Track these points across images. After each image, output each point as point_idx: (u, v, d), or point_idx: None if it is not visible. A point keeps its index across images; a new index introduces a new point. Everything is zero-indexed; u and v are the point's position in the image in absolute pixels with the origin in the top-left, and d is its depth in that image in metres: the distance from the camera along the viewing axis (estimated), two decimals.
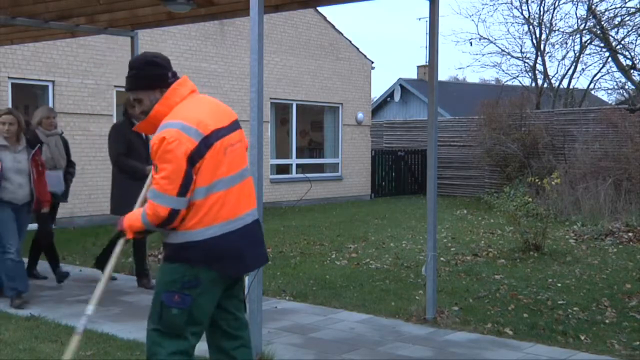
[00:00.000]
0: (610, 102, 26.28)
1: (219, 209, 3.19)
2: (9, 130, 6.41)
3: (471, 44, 32.88)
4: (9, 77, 12.13)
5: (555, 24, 25.02)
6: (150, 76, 3.28)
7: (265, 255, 3.50)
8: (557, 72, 53.09)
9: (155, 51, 3.58)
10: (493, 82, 32.94)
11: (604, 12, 17.42)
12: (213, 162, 3.16)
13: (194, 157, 3.10)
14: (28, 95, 13.09)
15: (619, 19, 16.82)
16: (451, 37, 37.85)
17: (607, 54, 19.90)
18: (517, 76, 29.56)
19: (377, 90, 32.76)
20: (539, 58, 23.41)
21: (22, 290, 6.46)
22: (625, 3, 17.24)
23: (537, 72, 23.64)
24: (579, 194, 13.64)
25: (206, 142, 3.14)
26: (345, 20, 79.06)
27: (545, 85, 23.60)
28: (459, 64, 65.92)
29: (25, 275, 6.63)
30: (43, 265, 7.74)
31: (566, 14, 45.12)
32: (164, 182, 3.08)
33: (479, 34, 34.87)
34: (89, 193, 12.89)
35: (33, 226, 7.39)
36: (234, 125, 3.35)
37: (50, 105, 12.53)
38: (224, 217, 3.20)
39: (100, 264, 6.96)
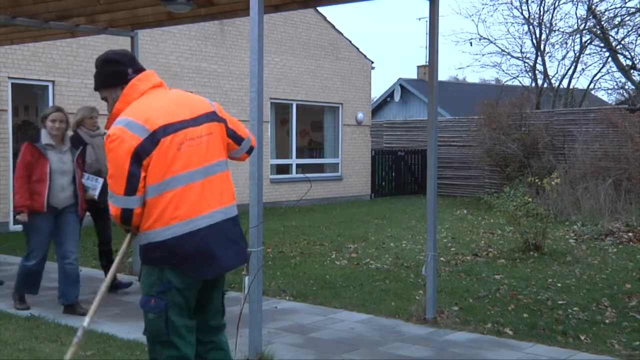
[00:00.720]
0: (610, 102, 26.29)
1: (176, 207, 3.05)
2: (59, 129, 6.10)
3: (471, 44, 32.93)
4: (9, 77, 12.12)
5: (555, 24, 25.05)
6: (109, 73, 3.27)
7: (243, 254, 3.29)
8: (557, 72, 53.14)
9: (122, 49, 3.52)
10: (493, 82, 32.95)
11: (604, 12, 17.42)
12: (163, 158, 3.04)
13: (140, 154, 3.01)
14: (28, 95, 13.09)
15: (619, 19, 16.82)
16: (451, 37, 37.96)
17: (607, 54, 19.90)
18: (517, 76, 29.62)
19: (377, 90, 32.78)
20: (539, 58, 23.41)
21: (27, 293, 6.37)
22: (625, 3, 17.25)
23: (537, 72, 23.65)
24: (579, 194, 13.64)
25: (153, 138, 3.03)
26: (345, 20, 79.14)
27: (545, 85, 23.60)
28: (459, 64, 65.97)
29: (38, 282, 6.41)
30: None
31: (566, 14, 45.15)
32: (110, 181, 3.07)
33: (479, 34, 34.91)
34: None
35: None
36: (200, 119, 3.19)
37: (50, 105, 12.54)
38: (183, 215, 3.06)
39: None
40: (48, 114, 6.11)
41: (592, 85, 24.15)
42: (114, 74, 3.25)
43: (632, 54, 18.48)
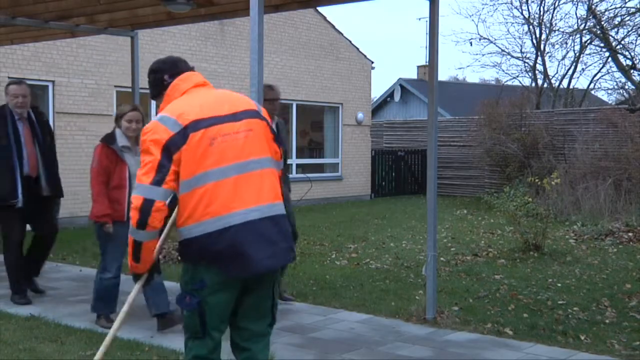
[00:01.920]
0: (610, 102, 26.29)
1: (208, 204, 3.02)
2: (136, 130, 5.52)
3: (471, 44, 32.95)
4: (9, 77, 12.11)
5: (555, 24, 25.06)
6: (152, 83, 3.38)
7: (283, 256, 3.16)
8: (557, 72, 53.15)
9: (169, 55, 3.57)
10: (493, 82, 32.96)
11: (604, 12, 17.44)
12: (194, 153, 3.03)
13: (170, 148, 3.02)
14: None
15: (619, 19, 16.83)
16: (451, 37, 37.92)
17: (607, 54, 19.91)
18: (517, 76, 29.62)
19: (377, 90, 32.79)
20: (539, 58, 23.42)
21: (105, 312, 5.79)
22: (625, 3, 17.26)
23: (537, 72, 23.66)
24: (579, 194, 13.64)
25: (184, 133, 3.04)
26: (345, 20, 79.14)
27: (545, 85, 23.60)
28: (459, 64, 66.05)
29: (116, 297, 5.78)
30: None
31: (566, 14, 45.20)
32: (140, 172, 3.06)
33: (479, 34, 34.92)
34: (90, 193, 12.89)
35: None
36: (239, 115, 3.17)
37: (50, 105, 12.54)
38: (214, 212, 3.01)
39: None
40: (124, 113, 5.58)
41: (592, 85, 24.17)
42: (154, 82, 3.36)
43: (632, 54, 18.50)
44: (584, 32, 19.71)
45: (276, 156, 3.29)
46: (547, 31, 22.85)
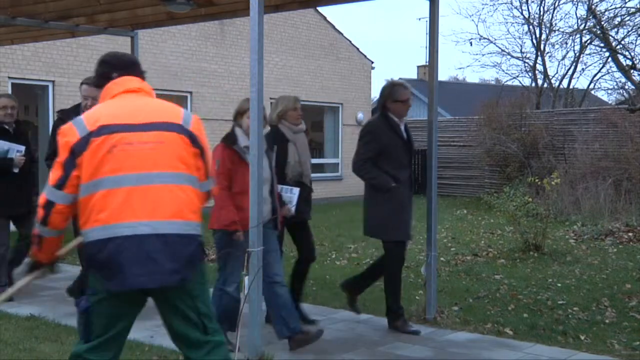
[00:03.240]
0: (610, 102, 26.29)
1: (99, 211, 2.96)
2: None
3: (471, 44, 32.84)
4: (9, 77, 12.12)
5: (555, 24, 25.00)
6: (98, 74, 3.32)
7: (168, 275, 2.97)
8: (557, 72, 53.10)
9: (122, 52, 3.53)
10: (493, 82, 32.95)
11: (604, 12, 17.43)
12: (93, 158, 2.99)
13: (75, 152, 3.01)
14: (28, 95, 13.09)
15: (619, 19, 16.82)
16: (451, 37, 37.76)
17: (607, 54, 19.90)
18: (517, 76, 29.53)
19: (377, 90, 32.69)
20: (539, 58, 23.41)
21: (227, 330, 4.93)
22: (625, 3, 17.23)
23: (537, 72, 23.65)
24: (579, 194, 13.64)
25: (88, 138, 3.01)
26: (345, 20, 79.15)
27: (545, 85, 23.60)
28: (459, 64, 66.13)
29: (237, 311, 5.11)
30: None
31: (566, 14, 45.15)
32: (51, 172, 3.10)
33: (479, 34, 34.83)
34: None
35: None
36: (152, 126, 3.08)
37: (50, 105, 12.54)
38: (103, 220, 2.95)
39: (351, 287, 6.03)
40: (246, 109, 5.00)
41: (592, 85, 24.16)
42: (101, 75, 3.30)
43: (632, 54, 18.48)
44: (584, 32, 19.71)
45: (197, 173, 3.15)
46: (547, 31, 22.86)
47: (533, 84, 23.77)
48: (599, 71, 23.17)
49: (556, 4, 22.19)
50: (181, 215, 3.03)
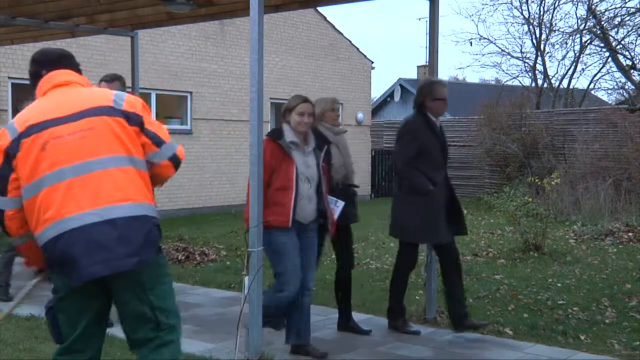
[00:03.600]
0: (610, 102, 26.29)
1: (45, 210, 2.90)
2: (308, 124, 4.91)
3: (471, 44, 32.90)
4: (9, 77, 12.13)
5: (555, 24, 25.04)
6: (31, 75, 3.27)
7: (122, 260, 2.90)
8: (557, 72, 53.11)
9: (52, 48, 3.44)
10: (493, 82, 32.95)
11: (604, 12, 17.44)
12: (27, 159, 2.95)
13: (9, 155, 2.98)
14: (28, 96, 13.07)
15: (619, 19, 16.83)
16: (451, 37, 37.80)
17: (607, 54, 19.91)
18: (517, 76, 29.56)
19: (377, 90, 32.77)
20: (539, 58, 23.43)
21: (272, 327, 4.98)
22: (625, 3, 17.23)
23: (537, 72, 23.66)
24: (579, 194, 13.64)
25: (19, 139, 2.98)
26: (345, 20, 79.17)
27: (545, 85, 23.60)
28: (459, 64, 66.15)
29: (308, 325, 5.01)
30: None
31: (566, 14, 45.17)
32: None
33: (479, 34, 34.88)
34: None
35: None
36: (79, 115, 3.01)
37: None
38: (51, 218, 2.90)
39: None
40: (295, 105, 4.91)
41: (592, 85, 24.17)
42: (32, 74, 3.25)
43: (632, 54, 18.50)
44: (584, 32, 19.72)
45: (141, 152, 3.06)
46: (547, 31, 22.88)
47: (533, 84, 23.77)
48: (599, 71, 23.21)
49: (556, 4, 22.23)
50: (128, 198, 2.95)
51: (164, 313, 3.07)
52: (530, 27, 23.23)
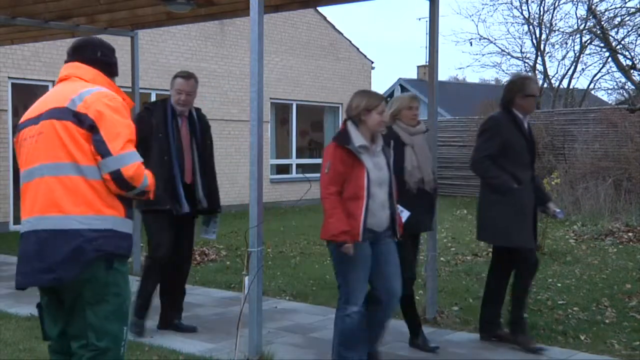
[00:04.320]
0: (610, 102, 26.29)
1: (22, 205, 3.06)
2: (386, 124, 4.56)
3: (471, 44, 32.88)
4: (9, 77, 12.13)
5: (555, 24, 25.02)
6: None
7: (37, 275, 2.84)
8: (557, 72, 53.13)
9: (88, 37, 3.50)
10: (493, 82, 32.95)
11: (604, 12, 17.44)
12: (17, 152, 3.11)
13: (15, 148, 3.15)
14: (28, 95, 13.07)
15: (619, 19, 16.83)
16: (451, 37, 37.81)
17: (607, 54, 19.91)
18: None
19: (377, 90, 32.73)
20: (539, 58, 23.43)
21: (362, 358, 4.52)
22: (625, 3, 17.22)
23: (537, 72, 23.64)
24: (579, 194, 13.64)
25: (15, 133, 3.15)
26: (345, 20, 79.22)
27: (545, 85, 23.60)
28: (459, 64, 66.13)
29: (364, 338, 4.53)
30: None
31: (566, 14, 45.16)
32: None
33: (479, 34, 34.89)
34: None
35: None
36: (40, 117, 2.96)
37: None
38: (22, 215, 3.04)
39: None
40: (377, 104, 4.42)
41: (592, 85, 24.17)
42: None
43: (632, 54, 18.50)
44: (584, 32, 19.72)
45: (91, 158, 2.88)
46: (547, 31, 22.89)
47: None
48: (599, 71, 23.20)
49: (556, 4, 22.23)
50: (57, 209, 2.83)
51: (97, 334, 2.95)
52: (530, 27, 23.25)
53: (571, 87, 24.01)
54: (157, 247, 5.36)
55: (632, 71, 17.96)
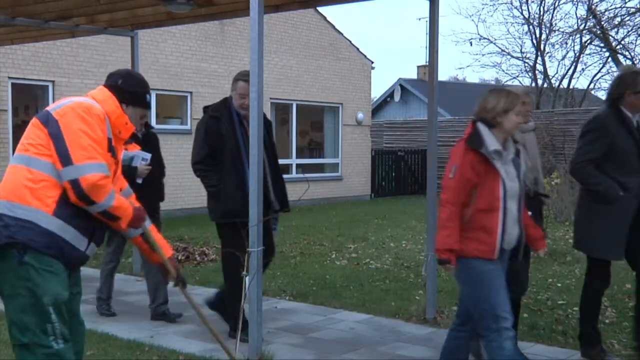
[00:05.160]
0: None
1: None
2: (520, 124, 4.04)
3: (471, 44, 32.84)
4: (9, 77, 12.12)
5: (555, 24, 25.01)
6: None
7: None
8: (557, 72, 53.12)
9: (124, 69, 3.68)
10: (493, 82, 32.93)
11: (604, 12, 17.45)
12: None
13: None
14: (28, 95, 13.09)
15: (619, 19, 16.84)
16: (451, 37, 37.81)
17: (607, 54, 19.92)
18: (517, 76, 29.47)
19: (377, 90, 32.79)
20: (539, 58, 23.44)
21: None
22: (625, 3, 17.25)
23: (537, 72, 23.66)
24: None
25: None
26: (345, 20, 79.21)
27: (545, 85, 23.61)
28: (459, 64, 66.13)
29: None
30: None
31: (566, 14, 45.12)
32: None
33: (479, 34, 34.88)
34: None
35: None
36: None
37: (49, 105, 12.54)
38: None
39: None
40: (516, 104, 3.91)
41: (592, 85, 24.17)
42: None
43: (632, 54, 18.51)
44: (584, 32, 19.73)
45: (44, 153, 3.04)
46: (547, 31, 22.89)
47: (533, 84, 23.77)
48: (599, 71, 23.21)
49: (556, 4, 22.23)
50: (4, 195, 3.04)
51: (15, 326, 3.03)
52: (530, 27, 23.26)
53: (571, 87, 24.01)
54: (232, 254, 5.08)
55: None
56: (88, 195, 2.98)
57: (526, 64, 24.29)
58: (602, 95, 30.00)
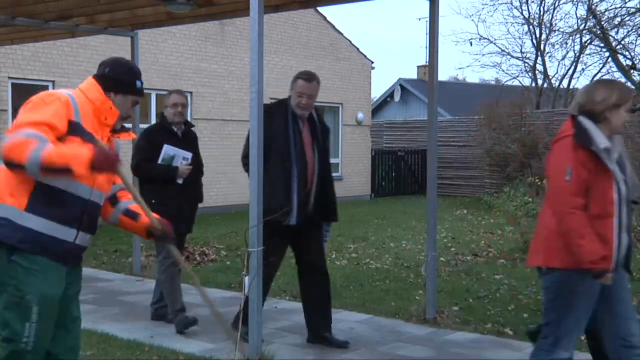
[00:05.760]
0: None
1: None
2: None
3: (471, 44, 32.80)
4: (9, 77, 12.13)
5: (555, 24, 24.97)
6: None
7: None
8: (557, 72, 53.17)
9: (111, 57, 3.61)
10: (493, 82, 32.93)
11: (604, 12, 17.42)
12: None
13: None
14: (28, 95, 13.00)
15: (619, 19, 16.82)
16: (451, 37, 37.78)
17: (607, 54, 19.89)
18: (517, 76, 29.55)
19: (377, 90, 32.78)
20: (539, 58, 23.42)
21: None
22: (625, 3, 17.22)
23: (537, 72, 23.65)
24: None
25: None
26: (345, 20, 79.22)
27: (545, 85, 23.60)
28: (459, 64, 66.08)
29: None
30: None
31: (566, 14, 45.12)
32: None
33: (479, 34, 34.84)
34: None
35: None
36: None
37: None
38: None
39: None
40: (627, 100, 3.64)
41: None
42: None
43: (632, 54, 18.48)
44: (584, 32, 19.70)
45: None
46: (547, 31, 22.87)
47: (533, 84, 23.77)
48: (599, 71, 23.16)
49: (556, 4, 22.22)
50: None
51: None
52: (530, 27, 23.24)
53: (571, 87, 23.99)
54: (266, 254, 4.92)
55: (632, 71, 17.94)
56: (8, 158, 2.86)
57: (526, 64, 24.30)
58: None
